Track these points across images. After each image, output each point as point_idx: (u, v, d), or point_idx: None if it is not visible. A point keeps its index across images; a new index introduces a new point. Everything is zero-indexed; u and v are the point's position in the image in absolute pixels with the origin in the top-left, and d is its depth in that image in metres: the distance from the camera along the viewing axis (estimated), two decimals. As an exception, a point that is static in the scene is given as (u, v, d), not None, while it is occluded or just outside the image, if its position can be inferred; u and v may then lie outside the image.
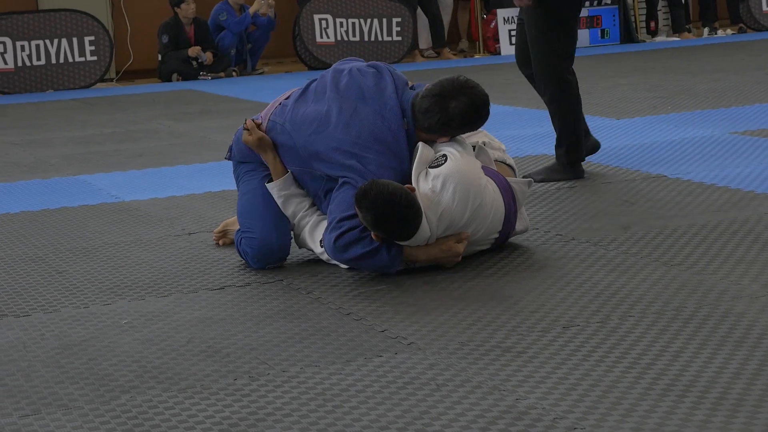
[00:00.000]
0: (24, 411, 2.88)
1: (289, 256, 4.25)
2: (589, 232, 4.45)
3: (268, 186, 4.19)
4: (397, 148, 4.04)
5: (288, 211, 4.19)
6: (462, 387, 2.88)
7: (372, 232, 3.87)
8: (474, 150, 4.17)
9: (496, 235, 4.13)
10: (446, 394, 2.84)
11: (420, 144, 4.06)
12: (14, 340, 3.47)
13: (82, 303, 3.86)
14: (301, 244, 4.25)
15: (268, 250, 4.15)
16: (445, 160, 3.99)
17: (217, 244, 4.59)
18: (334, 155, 4.02)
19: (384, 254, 3.90)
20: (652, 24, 14.79)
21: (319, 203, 4.17)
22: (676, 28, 14.89)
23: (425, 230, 3.88)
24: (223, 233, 4.60)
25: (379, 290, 3.82)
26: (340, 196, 3.97)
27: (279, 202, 4.19)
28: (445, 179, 3.94)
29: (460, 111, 4.03)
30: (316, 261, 4.25)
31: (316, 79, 4.30)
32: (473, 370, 3.00)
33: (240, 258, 4.29)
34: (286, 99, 4.30)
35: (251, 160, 4.29)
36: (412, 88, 4.21)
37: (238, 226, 4.49)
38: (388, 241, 3.89)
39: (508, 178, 4.19)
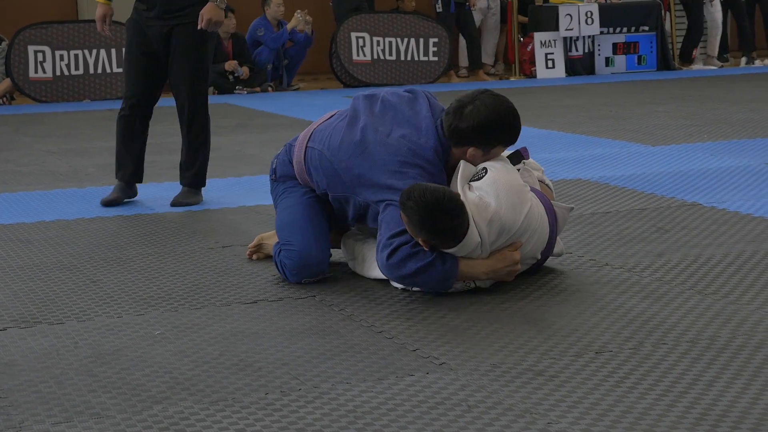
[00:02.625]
0: (57, 418, 2.89)
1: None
2: (623, 258, 4.43)
3: None
4: (438, 164, 4.05)
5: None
6: (493, 409, 2.88)
7: (421, 240, 3.86)
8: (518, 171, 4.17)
9: (538, 256, 4.13)
10: (477, 416, 2.83)
11: (461, 162, 4.07)
12: (48, 348, 3.49)
13: (116, 312, 3.88)
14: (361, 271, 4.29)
15: (306, 264, 4.16)
16: (486, 172, 4.02)
17: (250, 258, 4.61)
18: (374, 176, 4.01)
19: (439, 267, 3.87)
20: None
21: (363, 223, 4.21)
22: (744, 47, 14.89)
23: (474, 235, 3.87)
24: (258, 247, 4.61)
25: (412, 309, 3.82)
26: (387, 217, 3.95)
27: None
28: (489, 186, 3.95)
29: (471, 113, 4.02)
30: (350, 278, 4.26)
31: (354, 101, 4.30)
32: (505, 392, 2.99)
33: (276, 272, 4.31)
34: (321, 124, 4.31)
35: (292, 177, 4.32)
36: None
37: (272, 241, 4.52)
38: (442, 254, 3.88)
39: (552, 202, 4.20)
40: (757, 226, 4.94)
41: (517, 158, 4.21)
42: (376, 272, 4.16)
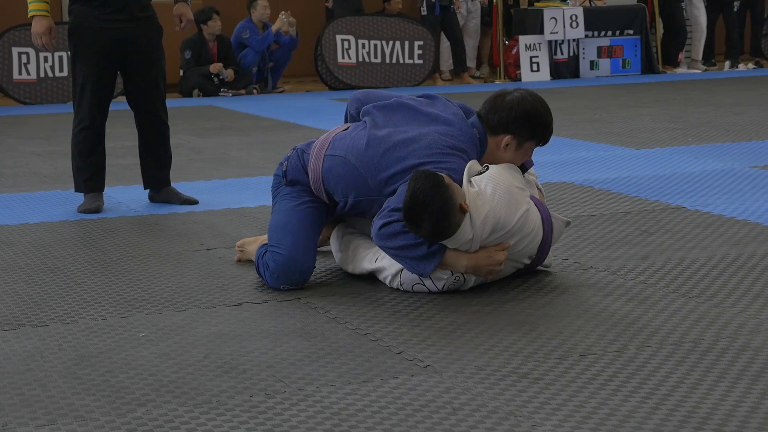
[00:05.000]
0: (40, 421, 2.88)
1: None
2: (608, 262, 4.44)
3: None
4: (474, 155, 4.13)
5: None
6: (478, 411, 2.88)
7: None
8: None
9: (527, 261, 4.13)
10: (462, 418, 2.83)
11: (471, 161, 4.11)
12: (32, 350, 3.48)
13: (100, 315, 3.87)
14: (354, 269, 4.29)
15: (290, 269, 4.12)
16: (487, 169, 4.08)
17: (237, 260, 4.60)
18: (409, 171, 4.01)
19: (424, 248, 3.92)
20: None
21: None
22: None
23: (466, 232, 3.90)
24: (242, 249, 4.60)
25: (397, 312, 3.82)
26: (400, 189, 3.98)
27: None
28: (488, 181, 4.01)
29: (515, 99, 4.17)
30: (335, 280, 4.26)
31: (366, 116, 4.28)
32: (489, 394, 3.00)
33: (257, 275, 4.29)
34: (338, 133, 4.27)
35: (304, 183, 4.29)
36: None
37: (256, 246, 4.50)
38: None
39: (551, 213, 4.21)
40: (740, 229, 4.95)
41: (521, 169, 4.27)
42: (366, 265, 4.17)
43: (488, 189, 3.97)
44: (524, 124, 4.16)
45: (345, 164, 4.15)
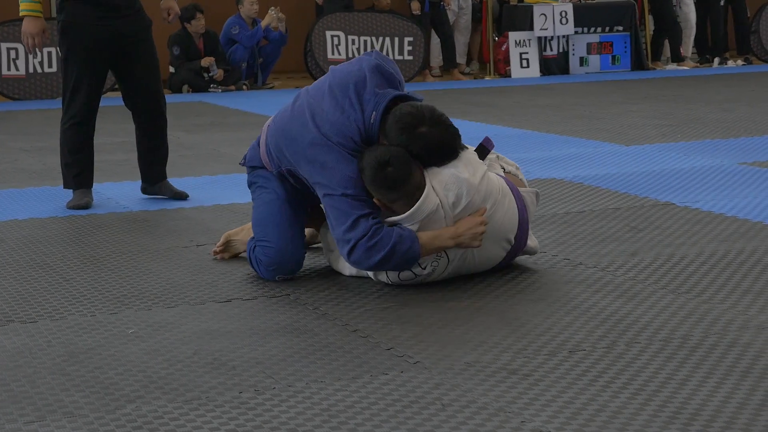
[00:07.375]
0: (29, 417, 2.88)
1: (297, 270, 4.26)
2: (597, 258, 4.45)
3: None
4: (358, 144, 4.01)
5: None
6: (467, 407, 2.88)
7: (377, 200, 3.92)
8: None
9: (512, 240, 4.13)
10: (452, 414, 2.84)
11: None
12: (20, 346, 3.48)
13: (89, 311, 3.87)
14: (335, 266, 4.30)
15: (282, 261, 4.16)
16: None
17: (215, 256, 4.58)
18: (300, 159, 4.06)
19: (401, 248, 3.90)
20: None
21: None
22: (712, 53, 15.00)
23: (431, 197, 3.92)
24: (226, 246, 4.59)
25: (386, 308, 3.82)
26: (330, 210, 3.99)
27: None
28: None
29: (424, 138, 3.95)
30: (324, 276, 4.26)
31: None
32: (479, 390, 3.00)
33: (250, 270, 4.30)
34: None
35: (260, 165, 4.32)
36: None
37: (243, 236, 4.52)
38: (400, 235, 3.90)
39: (519, 188, 4.23)
40: (729, 225, 4.96)
41: (482, 152, 4.21)
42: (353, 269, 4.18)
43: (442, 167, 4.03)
44: (424, 160, 3.99)
45: (269, 132, 4.25)
